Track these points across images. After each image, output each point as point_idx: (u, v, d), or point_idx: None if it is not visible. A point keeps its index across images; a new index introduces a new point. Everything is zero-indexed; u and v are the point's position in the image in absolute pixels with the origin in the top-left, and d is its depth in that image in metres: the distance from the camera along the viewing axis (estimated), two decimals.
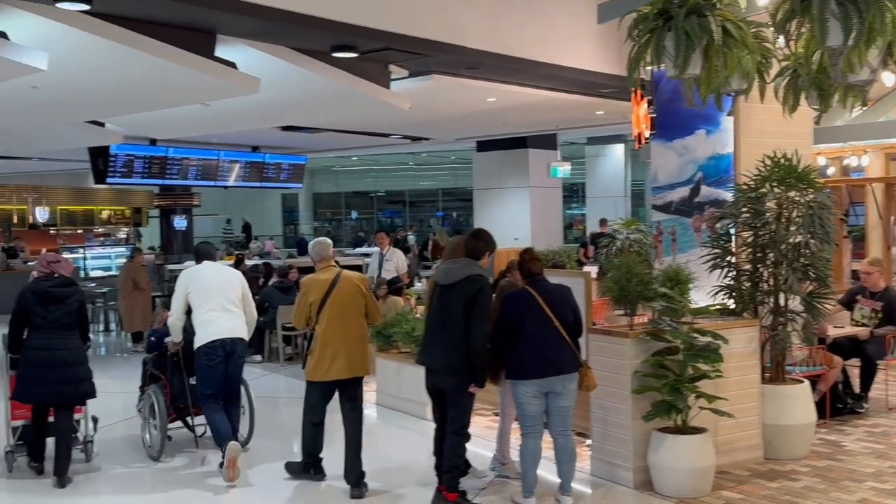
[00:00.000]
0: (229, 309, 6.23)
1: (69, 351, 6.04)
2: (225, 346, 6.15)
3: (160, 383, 6.68)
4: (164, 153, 13.94)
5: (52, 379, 5.97)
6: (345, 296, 5.70)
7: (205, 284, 6.25)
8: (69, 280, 6.25)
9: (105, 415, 7.41)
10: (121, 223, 24.18)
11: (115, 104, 8.43)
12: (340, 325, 5.65)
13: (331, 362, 5.64)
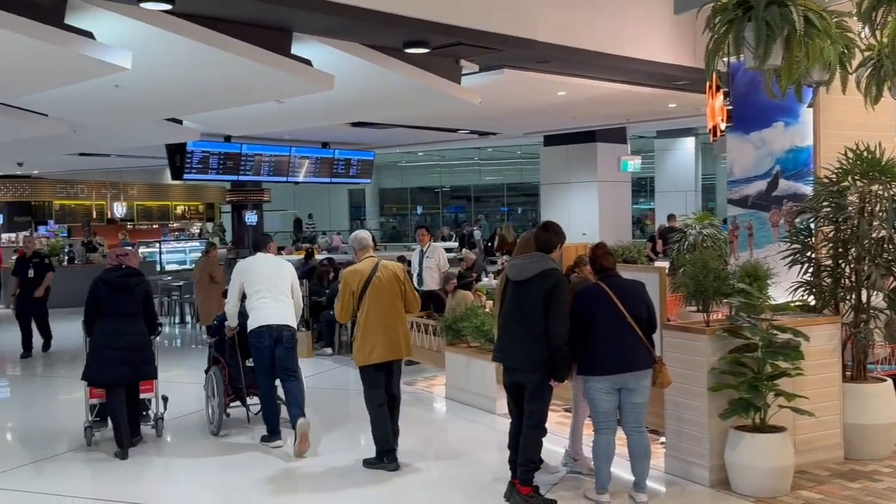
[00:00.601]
0: (278, 297, 6.67)
1: (134, 336, 6.60)
2: (272, 331, 6.59)
3: (220, 365, 7.18)
4: (238, 150, 14.25)
5: (117, 361, 6.50)
6: (384, 283, 6.04)
7: (257, 274, 6.73)
8: (136, 271, 6.80)
9: (179, 405, 7.88)
10: (194, 218, 24.82)
11: (194, 102, 8.66)
12: (381, 311, 6.00)
13: (373, 346, 5.99)
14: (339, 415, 7.86)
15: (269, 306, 6.62)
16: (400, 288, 6.10)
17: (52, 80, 6.79)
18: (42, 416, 8.29)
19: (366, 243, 6.25)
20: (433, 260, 10.47)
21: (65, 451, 6.92)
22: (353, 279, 6.07)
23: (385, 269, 6.09)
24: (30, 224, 20.73)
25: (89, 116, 9.08)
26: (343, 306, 6.10)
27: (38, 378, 10.33)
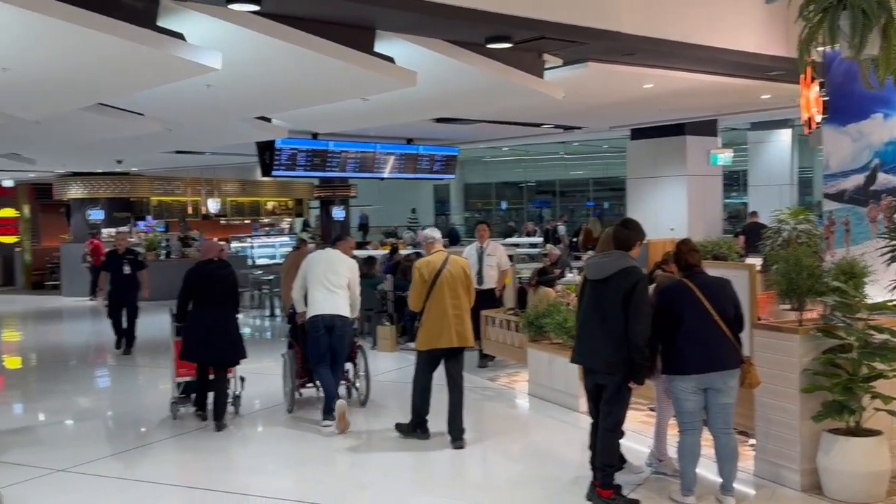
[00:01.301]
0: (331, 290, 7.28)
1: (226, 321, 7.42)
2: (325, 320, 7.22)
3: (294, 349, 7.91)
4: (324, 146, 14.50)
5: (214, 343, 7.32)
6: (453, 275, 6.61)
7: (315, 268, 7.36)
8: (226, 263, 7.72)
9: (266, 396, 8.35)
10: (284, 214, 25.36)
11: (282, 100, 8.85)
12: (449, 301, 6.53)
13: (440, 333, 6.51)
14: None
15: (323, 297, 7.24)
16: (467, 282, 6.67)
17: (145, 80, 7.05)
18: (131, 406, 8.65)
19: (435, 238, 6.89)
20: (494, 258, 9.95)
21: (154, 440, 7.23)
22: (426, 269, 6.63)
23: (454, 263, 6.67)
24: (129, 219, 21.52)
25: (183, 115, 9.39)
26: (416, 294, 6.63)
27: (126, 368, 10.76)
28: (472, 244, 10.21)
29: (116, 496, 5.83)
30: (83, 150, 13.72)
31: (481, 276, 9.76)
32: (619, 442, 5.19)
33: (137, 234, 20.75)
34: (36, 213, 23.60)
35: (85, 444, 7.19)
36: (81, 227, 20.95)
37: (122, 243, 11.88)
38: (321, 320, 7.23)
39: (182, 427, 7.49)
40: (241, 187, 23.72)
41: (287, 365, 7.92)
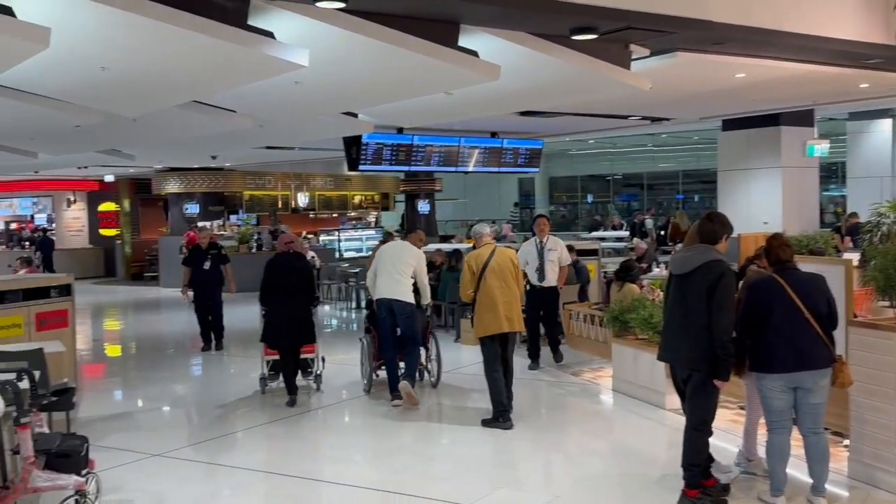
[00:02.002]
0: (395, 277, 7.91)
1: (300, 309, 8.19)
2: (386, 304, 7.88)
3: (371, 334, 8.48)
4: (409, 141, 14.62)
5: (287, 327, 8.10)
6: (500, 266, 7.08)
7: (383, 257, 8.07)
8: (301, 255, 8.61)
9: (351, 386, 8.69)
10: (370, 207, 25.68)
11: (368, 96, 8.96)
12: (498, 289, 7.00)
13: (491, 320, 6.98)
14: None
15: (387, 284, 7.89)
16: (514, 271, 7.15)
17: (237, 78, 7.25)
18: (224, 394, 8.93)
19: (485, 232, 7.41)
20: (556, 252, 9.43)
21: (245, 427, 7.46)
22: (474, 262, 7.16)
23: (500, 254, 7.16)
24: (222, 213, 22.20)
25: (273, 112, 9.62)
26: (464, 285, 7.19)
27: (220, 357, 11.11)
28: (530, 240, 9.74)
29: (208, 480, 6.05)
30: (179, 146, 14.22)
31: (542, 273, 9.31)
32: (706, 441, 5.05)
33: (230, 228, 21.39)
34: (135, 207, 24.58)
35: (180, 430, 7.49)
36: (178, 220, 21.72)
37: (205, 238, 11.49)
38: (382, 303, 7.92)
39: (271, 414, 7.73)
40: (329, 181, 24.14)
41: (365, 348, 8.54)
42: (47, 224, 26.86)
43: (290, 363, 8.24)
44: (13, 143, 12.02)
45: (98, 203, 25.81)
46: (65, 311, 8.28)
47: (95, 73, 6.79)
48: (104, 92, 7.61)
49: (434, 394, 8.35)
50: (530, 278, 9.23)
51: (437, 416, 7.63)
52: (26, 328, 7.85)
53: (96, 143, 12.70)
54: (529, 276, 9.21)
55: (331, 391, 8.69)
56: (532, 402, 8.07)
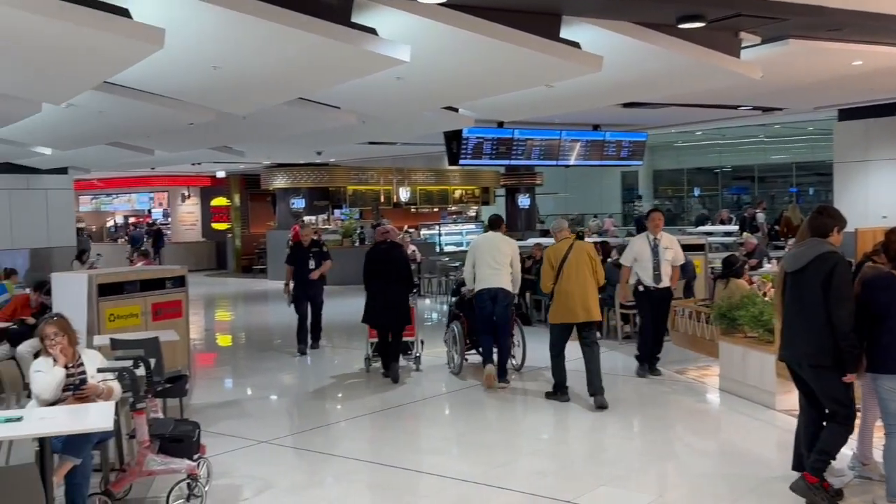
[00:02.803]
0: (495, 267, 8.36)
1: (397, 295, 8.86)
2: (490, 293, 8.33)
3: (460, 319, 9.11)
4: (510, 135, 14.58)
5: (386, 312, 8.82)
6: (577, 259, 7.57)
7: (483, 248, 8.51)
8: (397, 244, 9.35)
9: (450, 378, 8.86)
10: (470, 202, 25.76)
11: (469, 90, 8.98)
12: (575, 281, 7.50)
13: (568, 309, 7.54)
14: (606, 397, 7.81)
15: (488, 273, 8.35)
16: (591, 263, 7.60)
17: (341, 75, 7.39)
18: (329, 384, 9.14)
19: (564, 227, 8.00)
20: (671, 251, 8.61)
21: (349, 416, 7.62)
22: (554, 255, 7.68)
23: (578, 247, 7.66)
24: (327, 207, 22.68)
25: (375, 108, 9.76)
26: (544, 277, 7.69)
27: (326, 349, 11.35)
28: (640, 235, 8.96)
29: (313, 468, 6.21)
30: (286, 142, 14.62)
31: (658, 273, 8.52)
32: (846, 437, 4.88)
33: (334, 222, 21.87)
34: (245, 202, 25.44)
35: (286, 419, 7.72)
36: (285, 214, 22.31)
37: (307, 235, 10.91)
38: (487, 293, 8.34)
39: (373, 405, 7.88)
40: (429, 176, 24.35)
41: (455, 334, 9.07)
42: (163, 218, 28.09)
43: (387, 344, 8.95)
44: (131, 140, 12.63)
45: (210, 198, 26.83)
46: (179, 301, 8.63)
47: (208, 72, 7.05)
48: (216, 90, 7.90)
49: (535, 386, 8.35)
50: (643, 279, 8.57)
51: (537, 409, 7.59)
52: (143, 318, 8.23)
53: (209, 140, 13.20)
54: (642, 276, 8.57)
55: (430, 383, 8.83)
56: (636, 399, 7.93)
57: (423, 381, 8.95)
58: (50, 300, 8.59)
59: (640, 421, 7.20)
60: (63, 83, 7.23)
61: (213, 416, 7.45)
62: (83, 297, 7.84)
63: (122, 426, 5.48)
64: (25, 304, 9.21)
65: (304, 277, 10.60)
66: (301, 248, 10.76)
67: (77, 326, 5.44)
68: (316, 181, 22.05)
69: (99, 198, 29.73)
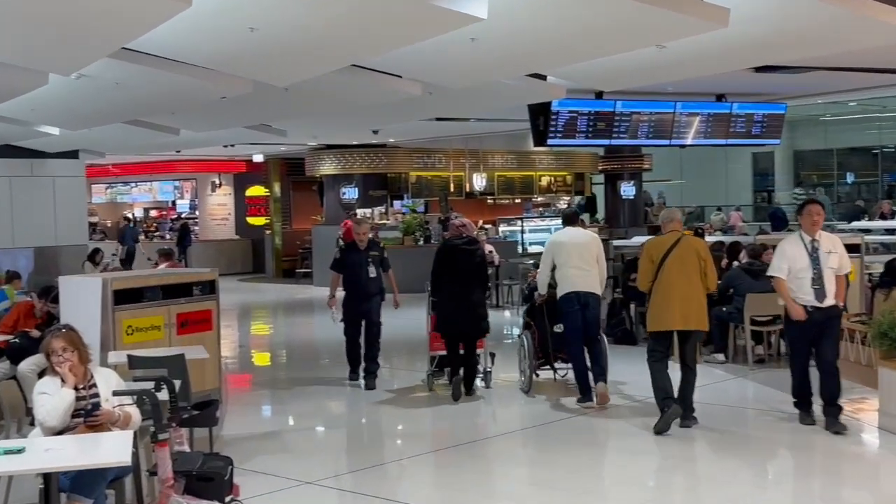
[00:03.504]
0: (583, 267, 8.68)
1: (474, 296, 9.16)
2: (579, 297, 8.66)
3: (531, 330, 9.43)
4: (611, 107, 14.43)
5: (461, 317, 9.10)
6: (683, 257, 7.67)
7: (565, 246, 8.79)
8: (474, 239, 9.58)
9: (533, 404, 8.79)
10: (561, 191, 25.60)
11: (559, 53, 8.93)
12: (676, 281, 7.64)
13: (665, 314, 7.69)
14: (728, 438, 7.70)
15: (576, 275, 8.65)
16: (699, 263, 7.69)
17: (403, 36, 7.44)
18: (387, 413, 9.20)
19: (674, 217, 8.14)
20: (836, 256, 7.73)
21: (412, 453, 7.67)
22: (655, 249, 7.84)
23: (686, 243, 7.79)
24: (385, 198, 22.81)
25: (444, 75, 9.78)
26: (642, 274, 7.91)
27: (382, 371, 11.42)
28: (791, 237, 8.16)
29: None
30: (336, 119, 14.79)
31: (821, 288, 7.64)
32: None
33: (394, 216, 21.97)
34: (287, 192, 25.75)
35: (336, 454, 7.81)
36: (335, 207, 22.52)
37: (363, 234, 10.12)
38: (574, 297, 8.66)
39: (440, 439, 7.93)
40: (510, 160, 24.28)
41: (524, 345, 9.39)
42: (190, 211, 28.65)
43: (459, 356, 9.23)
44: (153, 117, 12.96)
45: (245, 187, 27.22)
46: (208, 311, 8.82)
47: (243, 35, 7.18)
48: (253, 57, 8.04)
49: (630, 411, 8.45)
50: (799, 295, 7.69)
51: (638, 444, 7.55)
52: (166, 330, 8.43)
53: (244, 117, 13.45)
54: (798, 291, 7.71)
55: (503, 406, 9.02)
56: (770, 439, 7.78)
57: (494, 401, 9.21)
58: (57, 309, 8.84)
59: (776, 468, 7.08)
60: (73, 50, 7.45)
61: (249, 451, 7.57)
62: (96, 306, 8.07)
63: (141, 460, 5.61)
64: (29, 314, 9.45)
65: (360, 290, 9.93)
66: (355, 251, 10.03)
67: (89, 340, 5.60)
68: (371, 166, 22.24)
69: (115, 187, 30.49)
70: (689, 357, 7.83)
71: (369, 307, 10.04)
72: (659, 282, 7.72)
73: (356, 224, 10.76)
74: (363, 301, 10.00)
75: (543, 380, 9.63)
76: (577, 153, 24.72)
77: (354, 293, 10.05)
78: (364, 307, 10.02)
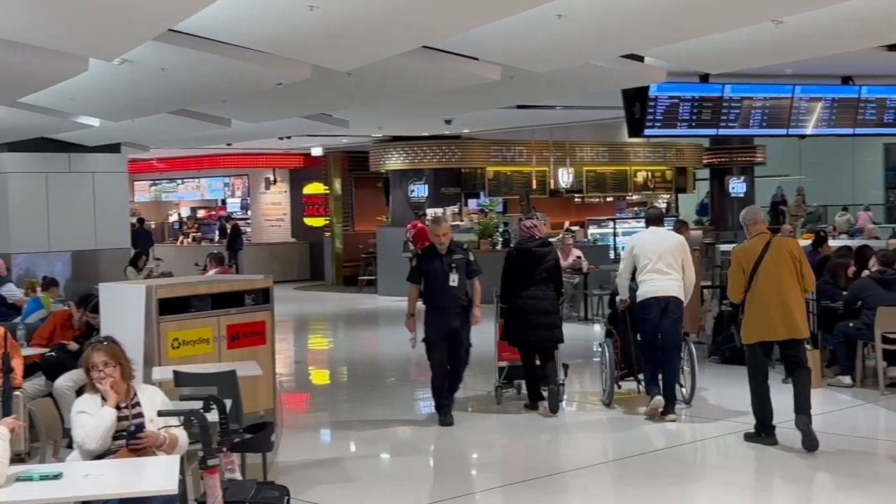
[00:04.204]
0: (665, 271, 9.01)
1: (547, 301, 9.50)
2: (659, 303, 8.98)
3: (613, 337, 9.77)
4: (718, 92, 14.27)
5: (535, 325, 9.34)
6: (777, 261, 7.91)
7: (647, 248, 9.16)
8: (547, 241, 9.96)
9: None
10: (660, 188, 25.33)
11: (659, 30, 8.84)
12: (774, 288, 7.85)
13: (765, 323, 7.90)
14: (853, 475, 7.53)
15: (658, 278, 8.98)
16: (794, 265, 7.94)
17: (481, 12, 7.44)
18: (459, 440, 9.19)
19: (758, 218, 8.36)
20: None
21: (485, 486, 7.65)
22: (744, 256, 8.08)
23: (777, 245, 8.02)
24: (458, 196, 22.76)
25: (526, 57, 9.77)
26: (733, 284, 8.16)
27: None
28: None
29: None
30: (404, 107, 14.86)
31: None
32: None
33: (468, 216, 21.94)
34: (349, 189, 25.87)
35: (403, 485, 7.80)
36: (402, 206, 22.58)
37: (443, 236, 9.44)
38: (654, 303, 8.98)
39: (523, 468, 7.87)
40: (601, 153, 24.11)
41: (606, 355, 9.70)
42: (241, 211, 28.96)
43: (534, 367, 9.56)
44: (201, 107, 13.16)
45: (303, 184, 27.45)
46: (262, 323, 8.89)
47: (301, 14, 7.25)
48: (312, 38, 8.12)
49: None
50: None
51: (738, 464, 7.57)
52: (215, 344, 8.52)
53: (302, 106, 13.58)
54: None
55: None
56: None
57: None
58: (97, 319, 8.99)
59: None
60: (116, 32, 7.60)
61: (306, 479, 7.60)
62: (139, 316, 8.19)
63: (188, 488, 5.68)
64: (66, 325, 9.56)
65: (444, 302, 9.23)
66: (435, 257, 9.37)
67: (131, 354, 5.68)
68: (444, 160, 22.25)
69: (159, 184, 30.97)
70: (795, 358, 8.08)
71: (457, 324, 9.26)
72: (753, 291, 7.95)
73: (434, 224, 10.03)
74: (449, 317, 9.23)
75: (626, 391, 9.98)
76: (679, 145, 24.46)
77: (438, 307, 9.29)
78: (451, 324, 9.24)
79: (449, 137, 21.85)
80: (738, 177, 22.35)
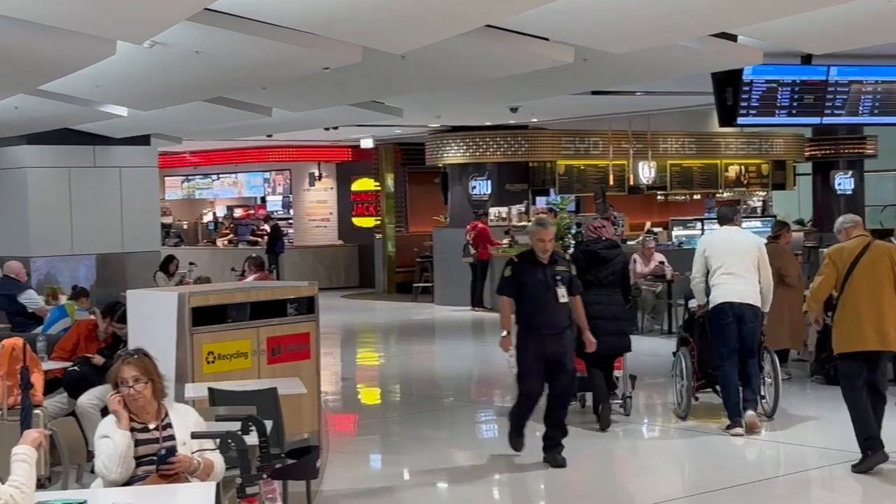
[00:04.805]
0: (740, 273, 9.31)
1: (615, 307, 9.89)
2: (733, 308, 9.27)
3: (689, 346, 10.08)
4: (822, 76, 14.10)
5: (602, 330, 9.36)
6: (874, 264, 8.06)
7: (720, 248, 9.51)
8: (614, 243, 10.32)
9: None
10: (754, 185, 25.08)
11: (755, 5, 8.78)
12: (868, 294, 8.02)
13: (854, 332, 8.05)
14: None
15: (731, 282, 9.27)
16: (892, 270, 8.04)
17: None
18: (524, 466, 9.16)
19: (857, 221, 8.51)
20: None
21: None
22: (839, 255, 8.21)
23: (878, 248, 8.17)
24: (525, 194, 22.68)
25: (603, 37, 9.73)
26: (823, 283, 8.27)
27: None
28: None
29: None
30: (464, 94, 14.85)
31: None
32: None
33: (536, 215, 21.86)
34: (402, 185, 25.93)
35: None
36: (462, 204, 22.57)
37: (548, 241, 8.76)
38: (729, 309, 9.28)
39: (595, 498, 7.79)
40: (687, 145, 23.94)
41: (682, 365, 10.07)
42: (283, 210, 29.10)
43: (602, 378, 9.86)
44: (240, 94, 13.27)
45: (351, 179, 27.48)
46: (306, 335, 8.94)
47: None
48: (363, 18, 8.15)
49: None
50: None
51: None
52: (254, 358, 8.57)
53: (351, 93, 13.63)
54: None
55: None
56: None
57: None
58: (124, 330, 9.07)
59: None
60: (146, 12, 7.69)
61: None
62: (171, 327, 8.27)
63: None
64: (91, 336, 9.60)
65: (545, 322, 8.64)
66: (535, 266, 8.71)
67: (162, 369, 5.73)
68: (508, 153, 22.22)
69: (193, 180, 31.19)
70: (881, 383, 8.19)
71: (559, 348, 8.66)
72: (846, 294, 8.13)
73: (537, 227, 9.02)
74: (550, 339, 8.63)
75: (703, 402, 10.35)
76: (777, 135, 24.22)
77: (535, 327, 8.67)
78: (551, 348, 8.62)
79: (515, 128, 21.82)
80: (844, 171, 22.09)
